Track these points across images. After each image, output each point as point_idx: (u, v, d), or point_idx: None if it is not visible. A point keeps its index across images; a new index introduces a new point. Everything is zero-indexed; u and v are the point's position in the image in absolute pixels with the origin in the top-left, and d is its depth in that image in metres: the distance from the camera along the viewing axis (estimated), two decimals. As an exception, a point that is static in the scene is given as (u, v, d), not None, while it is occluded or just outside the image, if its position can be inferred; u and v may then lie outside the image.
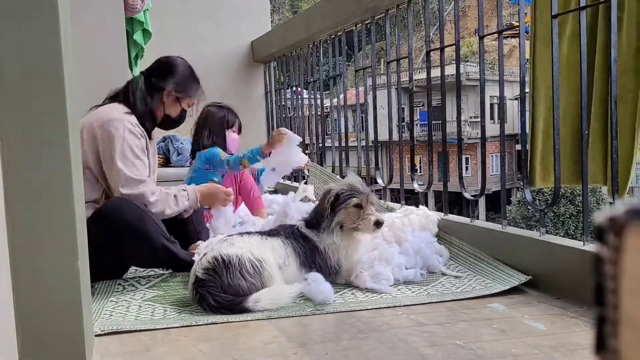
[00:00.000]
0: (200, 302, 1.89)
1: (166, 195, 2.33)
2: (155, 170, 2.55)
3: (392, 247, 2.30)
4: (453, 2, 2.80)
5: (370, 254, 2.25)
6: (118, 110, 2.34)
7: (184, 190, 2.45)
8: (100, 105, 2.41)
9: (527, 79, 2.32)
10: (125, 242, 2.17)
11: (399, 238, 2.41)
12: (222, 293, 1.86)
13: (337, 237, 2.14)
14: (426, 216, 2.63)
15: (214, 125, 3.32)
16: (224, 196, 2.55)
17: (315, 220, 2.19)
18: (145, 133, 2.37)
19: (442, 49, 2.89)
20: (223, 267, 1.89)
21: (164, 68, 2.50)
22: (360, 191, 2.16)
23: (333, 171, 4.02)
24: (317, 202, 2.33)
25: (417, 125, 19.33)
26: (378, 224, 2.14)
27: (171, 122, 2.57)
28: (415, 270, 2.19)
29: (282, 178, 3.62)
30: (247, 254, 1.94)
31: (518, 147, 22.08)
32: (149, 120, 2.42)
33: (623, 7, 2.01)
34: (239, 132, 3.47)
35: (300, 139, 3.11)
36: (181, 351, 1.57)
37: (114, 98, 2.44)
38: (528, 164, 2.35)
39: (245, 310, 1.84)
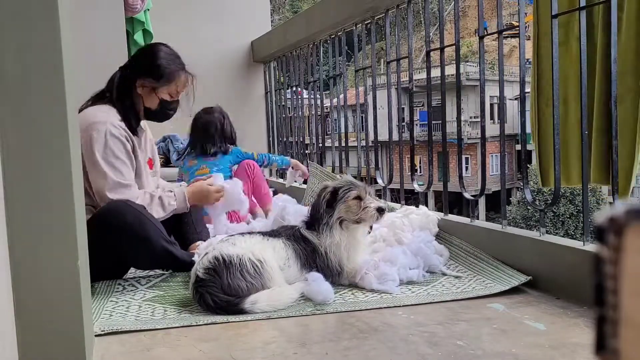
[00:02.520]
0: (200, 301, 1.89)
1: (151, 199, 2.29)
2: (158, 166, 2.54)
3: (396, 248, 2.30)
4: (453, 2, 2.80)
5: (374, 255, 2.24)
6: (102, 111, 2.29)
7: (171, 191, 2.41)
8: (87, 106, 2.35)
9: (527, 79, 2.31)
10: (125, 245, 2.16)
11: (399, 238, 2.41)
12: (221, 293, 1.86)
13: (337, 234, 2.13)
14: (426, 216, 2.63)
15: (226, 134, 3.53)
16: (214, 195, 2.52)
17: (313, 219, 2.18)
18: (131, 136, 2.30)
19: (442, 49, 2.89)
20: (223, 267, 1.89)
21: (137, 59, 2.45)
22: (357, 184, 2.17)
23: (333, 171, 4.02)
24: (313, 201, 2.32)
25: (417, 125, 19.32)
26: (380, 210, 2.14)
27: (154, 114, 2.44)
28: (418, 270, 2.19)
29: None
30: (248, 254, 1.94)
31: (518, 147, 22.13)
32: (132, 116, 2.35)
33: (623, 6, 2.00)
34: None
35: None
36: (181, 351, 1.57)
37: (97, 97, 2.38)
38: (538, 164, 2.32)
39: (242, 312, 1.83)
